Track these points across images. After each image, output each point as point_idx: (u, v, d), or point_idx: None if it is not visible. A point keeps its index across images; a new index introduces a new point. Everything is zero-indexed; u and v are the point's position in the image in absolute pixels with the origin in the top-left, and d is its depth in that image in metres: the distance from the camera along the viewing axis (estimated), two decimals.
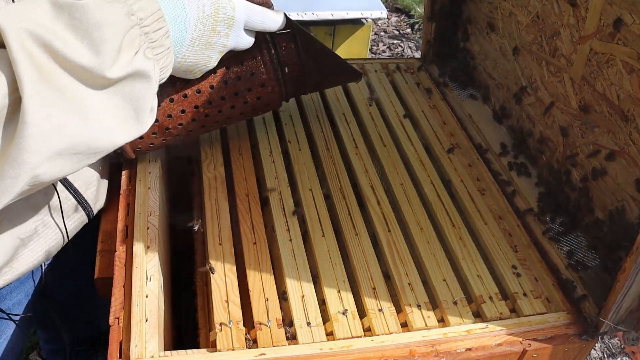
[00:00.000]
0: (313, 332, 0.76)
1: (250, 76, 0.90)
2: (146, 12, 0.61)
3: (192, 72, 0.78)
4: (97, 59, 0.56)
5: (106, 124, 0.59)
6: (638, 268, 0.71)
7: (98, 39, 0.56)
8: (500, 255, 0.91)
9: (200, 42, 0.74)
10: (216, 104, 0.90)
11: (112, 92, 0.59)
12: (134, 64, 0.59)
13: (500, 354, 0.78)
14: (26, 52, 0.52)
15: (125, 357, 0.71)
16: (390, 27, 3.56)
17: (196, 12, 0.70)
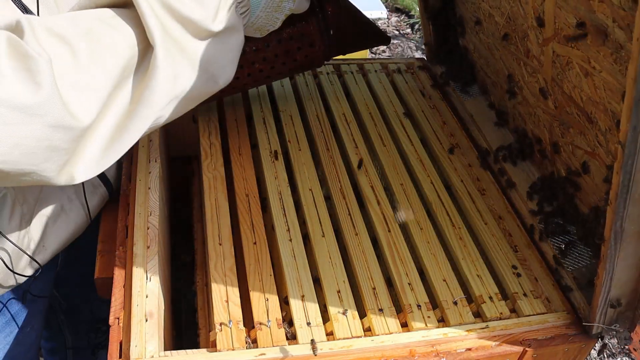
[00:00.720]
0: (313, 332, 0.76)
1: (301, 36, 1.01)
2: None
3: (260, 31, 0.88)
4: (205, 15, 0.69)
5: (210, 71, 0.72)
6: (610, 274, 0.72)
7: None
8: (500, 255, 0.91)
9: (272, 5, 0.85)
10: (270, 60, 1.01)
11: (215, 42, 0.72)
12: (230, 19, 0.72)
13: (500, 354, 0.78)
14: (151, 8, 0.64)
15: (125, 357, 0.71)
16: (390, 27, 3.56)
17: None
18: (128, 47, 0.64)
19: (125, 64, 0.63)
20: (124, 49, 0.64)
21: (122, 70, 0.63)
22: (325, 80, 1.26)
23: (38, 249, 0.86)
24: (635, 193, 0.64)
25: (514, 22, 0.98)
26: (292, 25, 0.98)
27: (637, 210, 0.65)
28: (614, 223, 0.67)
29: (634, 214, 0.66)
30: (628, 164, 0.62)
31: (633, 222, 0.67)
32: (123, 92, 0.64)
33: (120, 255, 0.83)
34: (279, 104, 1.17)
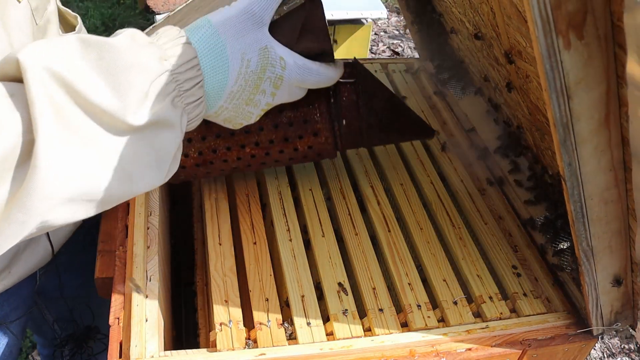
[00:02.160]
0: (313, 332, 0.76)
1: (303, 123, 0.83)
2: (180, 59, 0.58)
3: (231, 124, 0.71)
4: (121, 103, 0.52)
5: (125, 172, 0.55)
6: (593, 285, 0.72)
7: (124, 82, 0.53)
8: (500, 255, 0.91)
9: (241, 97, 0.67)
10: (264, 146, 0.84)
11: (134, 138, 0.55)
12: (159, 112, 0.56)
13: (500, 354, 0.78)
14: (45, 92, 0.49)
15: (125, 357, 0.71)
16: (390, 27, 3.56)
17: (239, 66, 0.64)
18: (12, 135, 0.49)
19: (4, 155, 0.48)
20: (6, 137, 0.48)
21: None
22: None
23: (3, 274, 0.84)
24: (592, 215, 0.64)
25: (480, 30, 0.98)
26: (294, 108, 0.81)
27: (600, 228, 0.66)
28: (579, 244, 0.67)
29: (597, 232, 0.66)
30: (575, 194, 0.62)
31: (599, 239, 0.67)
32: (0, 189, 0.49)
33: (120, 255, 0.83)
34: None
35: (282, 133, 0.83)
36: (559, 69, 0.52)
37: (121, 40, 0.55)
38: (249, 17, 0.64)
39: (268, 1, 0.66)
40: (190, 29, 0.62)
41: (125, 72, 0.53)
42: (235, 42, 0.63)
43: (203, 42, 0.61)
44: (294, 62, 0.69)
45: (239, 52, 0.63)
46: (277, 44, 0.67)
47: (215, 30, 0.62)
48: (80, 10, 3.43)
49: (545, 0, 0.47)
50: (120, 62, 0.53)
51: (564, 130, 0.56)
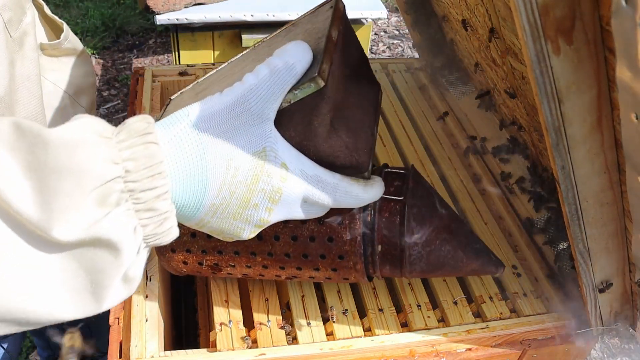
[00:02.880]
0: (313, 332, 0.76)
1: (328, 241, 0.66)
2: (139, 164, 0.45)
3: (220, 236, 0.57)
4: (43, 214, 0.41)
5: (49, 295, 0.44)
6: (590, 286, 0.72)
7: (53, 188, 0.41)
8: (501, 255, 0.91)
9: (227, 211, 0.52)
10: (278, 258, 0.69)
11: (62, 257, 0.43)
12: (96, 228, 0.43)
13: (500, 354, 0.78)
14: None
15: (125, 357, 0.71)
16: (390, 27, 3.56)
17: (222, 175, 0.50)
18: None
19: None
20: None
21: None
22: None
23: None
24: (587, 217, 0.64)
25: (476, 32, 0.98)
26: (318, 222, 0.65)
27: (596, 230, 0.66)
28: (575, 245, 0.67)
29: (593, 234, 0.66)
30: (569, 197, 0.62)
31: (596, 241, 0.67)
32: None
33: None
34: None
35: (301, 248, 0.67)
36: (549, 74, 0.52)
37: (62, 133, 0.43)
38: (243, 111, 0.51)
39: (271, 89, 0.51)
40: (164, 123, 0.49)
41: (56, 176, 0.41)
42: (220, 144, 0.50)
43: (176, 144, 0.48)
44: (301, 170, 0.54)
45: (224, 158, 0.50)
46: (282, 144, 0.53)
47: (194, 128, 0.49)
48: (80, 10, 3.43)
49: (533, 7, 0.47)
50: (50, 162, 0.41)
51: (556, 134, 0.56)
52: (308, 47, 0.54)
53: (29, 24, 0.78)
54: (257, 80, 0.52)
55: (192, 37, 2.03)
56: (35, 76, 0.78)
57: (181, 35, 2.02)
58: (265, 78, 0.51)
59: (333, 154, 0.55)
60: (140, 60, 3.15)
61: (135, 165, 0.44)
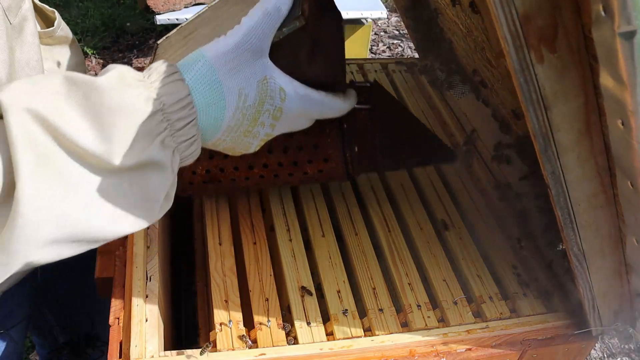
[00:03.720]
0: (313, 332, 0.76)
1: (313, 148, 0.81)
2: (172, 98, 0.55)
3: (231, 152, 0.68)
4: (106, 146, 0.50)
5: (111, 213, 0.53)
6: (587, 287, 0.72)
7: (110, 124, 0.51)
8: (501, 255, 0.91)
9: (239, 130, 0.64)
10: (273, 168, 0.82)
11: (121, 180, 0.53)
12: (147, 153, 0.53)
13: (500, 354, 0.78)
14: (26, 133, 0.47)
15: (125, 357, 0.71)
16: (390, 27, 3.56)
17: (236, 101, 0.61)
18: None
19: None
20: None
21: None
22: None
23: None
24: (581, 221, 0.65)
25: (472, 33, 0.98)
26: (305, 133, 0.76)
27: (590, 233, 0.66)
28: (570, 248, 0.67)
29: (587, 237, 0.66)
30: (561, 201, 0.62)
31: (590, 243, 0.67)
32: None
33: (120, 255, 0.83)
34: None
35: (292, 157, 0.81)
36: (534, 82, 0.52)
37: (108, 80, 0.53)
38: (246, 49, 0.61)
39: (265, 28, 0.62)
40: (183, 65, 0.59)
41: (111, 114, 0.51)
42: (232, 77, 0.60)
43: (197, 79, 0.59)
44: (295, 92, 0.66)
45: (236, 87, 0.61)
46: (278, 72, 0.64)
47: (210, 66, 0.59)
48: (80, 10, 3.43)
49: (513, 16, 0.47)
50: (106, 103, 0.51)
51: (543, 140, 0.56)
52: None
53: (27, 10, 0.78)
54: (254, 22, 0.62)
55: None
56: (35, 62, 0.78)
57: None
58: (260, 19, 0.62)
59: (316, 76, 0.68)
60: (140, 60, 3.15)
61: (169, 99, 0.55)
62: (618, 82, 0.46)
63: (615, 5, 0.42)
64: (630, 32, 0.42)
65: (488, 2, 0.48)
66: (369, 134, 0.81)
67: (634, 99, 0.46)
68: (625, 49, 0.43)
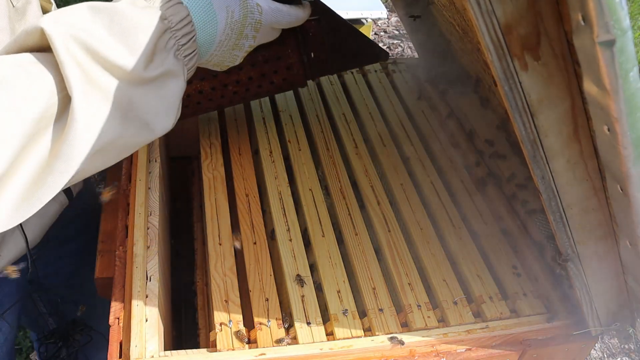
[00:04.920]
0: (313, 332, 0.76)
1: (277, 60, 0.95)
2: (177, 17, 0.65)
3: (219, 67, 0.80)
4: (134, 59, 0.60)
5: (143, 120, 0.63)
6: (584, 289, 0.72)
7: (134, 42, 0.60)
8: (501, 255, 0.91)
9: (228, 44, 0.76)
10: (244, 83, 0.96)
11: (148, 89, 0.63)
12: (166, 64, 0.64)
13: (500, 354, 0.78)
14: (71, 55, 0.56)
15: (125, 357, 0.71)
16: (390, 27, 3.56)
17: (225, 18, 0.73)
18: (45, 96, 0.56)
19: (41, 114, 0.56)
20: (41, 98, 0.56)
21: (37, 121, 0.56)
22: (325, 81, 1.26)
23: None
24: (574, 224, 0.65)
25: (467, 35, 0.98)
26: (268, 48, 0.91)
27: (583, 236, 0.66)
28: (565, 250, 0.68)
29: (581, 239, 0.67)
30: (552, 205, 0.63)
31: (584, 246, 0.67)
32: (40, 145, 0.56)
33: (120, 255, 0.83)
34: (279, 104, 1.17)
35: (259, 70, 0.95)
36: (519, 89, 0.52)
37: (125, 5, 0.62)
38: None
39: None
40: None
41: (134, 33, 0.60)
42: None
43: (193, 2, 0.68)
44: (268, 6, 0.79)
45: (223, 6, 0.72)
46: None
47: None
48: None
49: (495, 26, 0.48)
50: (128, 24, 0.60)
51: (531, 146, 0.56)
52: None
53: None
54: None
55: None
56: None
57: None
58: None
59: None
60: None
61: (175, 19, 0.65)
62: (601, 89, 0.46)
63: (594, 15, 0.42)
64: (609, 41, 0.42)
65: (469, 12, 0.48)
66: (320, 39, 0.97)
67: (617, 105, 0.46)
68: (605, 57, 0.43)
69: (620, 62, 0.43)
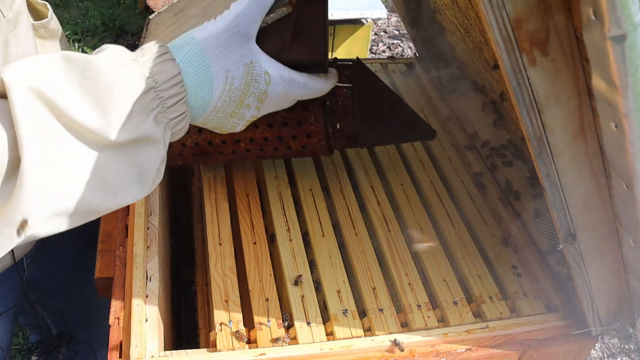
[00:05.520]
0: (313, 332, 0.76)
1: (297, 124, 0.84)
2: (164, 76, 0.58)
3: (218, 130, 0.72)
4: (103, 122, 0.53)
5: (109, 186, 0.56)
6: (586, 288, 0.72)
7: (107, 101, 0.54)
8: (500, 255, 0.91)
9: (225, 111, 0.67)
10: (258, 142, 0.86)
11: (117, 154, 0.56)
12: (142, 128, 0.56)
13: (501, 354, 0.78)
14: (30, 110, 0.50)
15: (125, 357, 0.71)
16: (390, 27, 3.56)
17: (223, 84, 0.65)
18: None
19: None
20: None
21: None
22: None
23: None
24: (577, 222, 0.65)
25: (470, 34, 0.98)
26: (289, 109, 0.77)
27: (587, 234, 0.66)
28: (567, 249, 0.68)
29: (584, 238, 0.67)
30: (557, 203, 0.63)
31: (587, 244, 0.67)
32: None
33: (120, 255, 0.83)
34: None
35: (276, 132, 0.85)
36: (526, 85, 0.52)
37: (104, 59, 0.55)
38: (234, 33, 0.64)
39: (253, 14, 0.65)
40: (174, 46, 0.62)
41: (107, 91, 0.54)
42: (220, 60, 0.63)
43: (187, 60, 0.61)
44: (279, 75, 0.69)
45: (223, 69, 0.64)
46: (263, 56, 0.67)
47: (199, 49, 0.62)
48: (81, 10, 3.43)
49: (504, 21, 0.47)
50: (102, 81, 0.54)
51: (538, 143, 0.56)
52: None
53: (21, 4, 0.79)
54: (242, 7, 0.65)
55: None
56: (30, 54, 0.79)
57: None
58: (248, 5, 0.65)
59: (300, 58, 0.71)
60: None
61: (161, 78, 0.58)
62: (610, 84, 0.46)
63: (605, 9, 0.42)
64: (620, 36, 0.42)
65: (479, 6, 0.48)
66: (349, 111, 0.85)
67: (626, 101, 0.46)
68: (616, 52, 0.43)
69: (631, 58, 0.43)
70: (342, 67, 0.84)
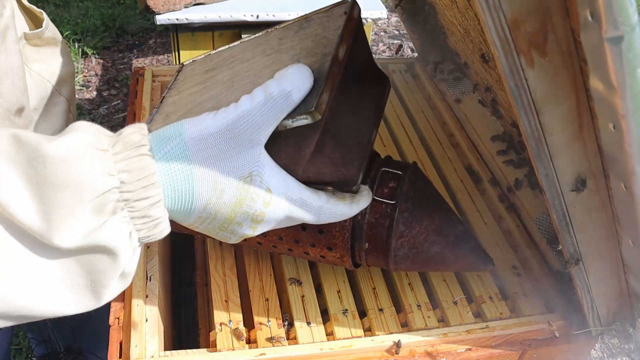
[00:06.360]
0: (313, 332, 0.76)
1: (318, 233, 0.69)
2: (132, 176, 0.48)
3: (212, 237, 0.60)
4: (44, 223, 0.44)
5: (51, 293, 0.47)
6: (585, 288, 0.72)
7: (51, 201, 0.44)
8: (501, 255, 0.91)
9: (213, 224, 0.55)
10: (272, 239, 0.73)
11: (63, 261, 0.47)
12: (94, 235, 0.46)
13: (501, 354, 0.78)
14: None
15: (125, 357, 0.71)
16: (390, 27, 3.56)
17: (208, 195, 0.52)
18: None
19: None
20: None
21: None
22: None
23: None
24: (576, 222, 0.65)
25: (469, 35, 0.97)
26: None
27: (586, 235, 0.66)
28: (567, 250, 0.68)
29: (584, 239, 0.67)
30: (556, 204, 0.62)
31: (587, 245, 0.67)
32: None
33: None
34: None
35: (293, 234, 0.71)
36: (524, 86, 0.52)
37: (58, 148, 0.45)
38: (232, 136, 0.52)
39: (264, 117, 0.52)
40: (157, 138, 0.52)
41: (53, 189, 0.44)
42: (208, 167, 0.52)
43: (168, 159, 0.51)
44: (286, 196, 0.55)
45: (210, 179, 0.52)
46: (269, 169, 0.54)
47: (184, 148, 0.51)
48: (80, 10, 3.43)
49: (502, 23, 0.47)
50: (49, 176, 0.44)
51: (536, 143, 0.56)
52: (309, 74, 0.54)
53: (9, 17, 0.78)
54: (251, 106, 0.52)
55: (192, 37, 2.03)
56: (17, 68, 0.78)
57: (181, 35, 2.02)
58: (260, 105, 0.52)
59: (319, 173, 0.57)
60: (140, 60, 3.15)
61: (129, 177, 0.47)
62: (607, 85, 0.46)
63: (602, 11, 0.42)
64: (617, 37, 0.42)
65: (476, 8, 0.48)
66: (382, 233, 0.68)
67: (624, 102, 0.46)
68: (613, 53, 0.43)
69: (628, 59, 0.43)
70: (387, 174, 0.69)
